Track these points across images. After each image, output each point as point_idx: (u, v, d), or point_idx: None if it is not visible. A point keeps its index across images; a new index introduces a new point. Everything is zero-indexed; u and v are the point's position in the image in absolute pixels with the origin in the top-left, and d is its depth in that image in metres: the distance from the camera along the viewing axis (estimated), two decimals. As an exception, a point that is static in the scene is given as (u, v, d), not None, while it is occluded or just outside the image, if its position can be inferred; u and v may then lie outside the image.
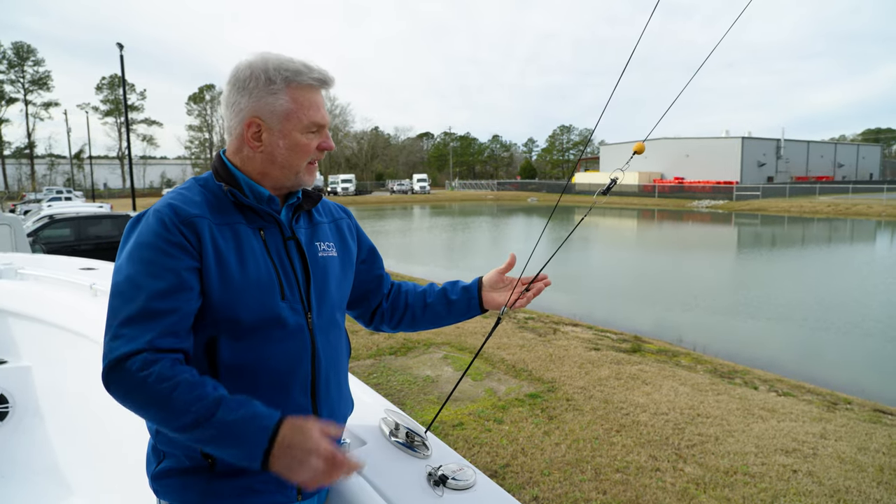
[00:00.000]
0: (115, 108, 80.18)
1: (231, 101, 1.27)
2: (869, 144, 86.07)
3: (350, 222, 1.53)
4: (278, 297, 1.23)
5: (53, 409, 2.73)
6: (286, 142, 1.25)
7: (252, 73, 1.24)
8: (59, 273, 2.93)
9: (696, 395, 5.40)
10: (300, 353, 1.26)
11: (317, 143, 1.30)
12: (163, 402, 1.05)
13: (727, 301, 12.06)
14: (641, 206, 49.46)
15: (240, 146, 1.29)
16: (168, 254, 1.14)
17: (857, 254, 20.79)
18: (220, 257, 1.19)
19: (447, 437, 4.41)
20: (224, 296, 1.18)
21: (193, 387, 1.07)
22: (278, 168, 1.27)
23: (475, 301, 1.58)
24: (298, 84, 1.25)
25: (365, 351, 6.68)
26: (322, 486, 1.18)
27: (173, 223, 1.16)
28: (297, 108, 1.25)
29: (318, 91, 1.29)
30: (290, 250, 1.29)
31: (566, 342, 7.25)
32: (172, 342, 1.12)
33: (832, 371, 7.49)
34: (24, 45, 74.61)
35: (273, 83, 1.23)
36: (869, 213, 36.38)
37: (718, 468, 3.98)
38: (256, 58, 1.26)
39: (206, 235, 1.18)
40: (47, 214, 14.16)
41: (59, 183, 73.98)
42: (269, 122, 1.25)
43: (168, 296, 1.12)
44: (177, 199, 1.21)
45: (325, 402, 1.32)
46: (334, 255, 1.39)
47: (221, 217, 1.23)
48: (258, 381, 1.21)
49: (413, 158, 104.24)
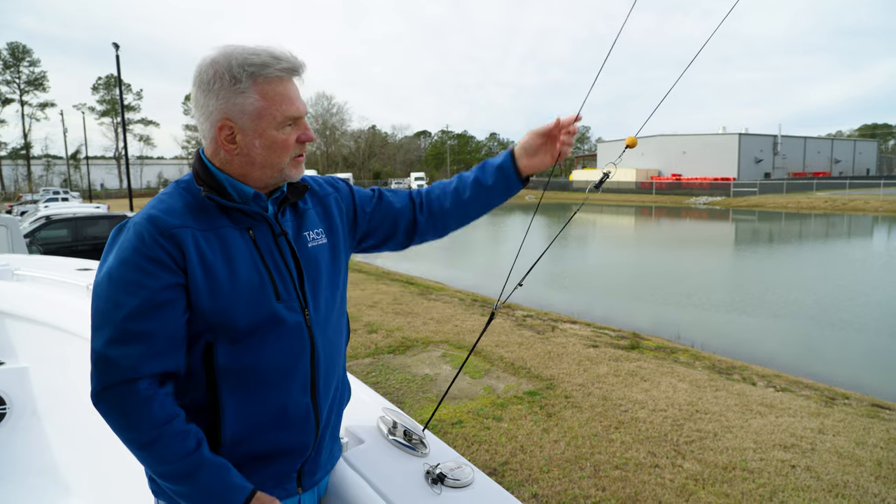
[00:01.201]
0: (111, 108, 79.96)
1: (199, 104, 1.19)
2: (865, 140, 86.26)
3: (338, 195, 1.45)
4: (273, 299, 1.20)
5: (51, 409, 2.73)
6: (262, 141, 1.18)
7: (216, 72, 1.15)
8: (55, 274, 2.93)
9: (694, 391, 5.41)
10: (299, 350, 1.24)
11: (295, 136, 1.22)
12: (145, 445, 1.10)
13: (725, 297, 12.08)
14: (639, 203, 49.50)
15: (215, 149, 1.22)
16: (147, 271, 1.10)
17: (854, 249, 20.83)
18: (208, 267, 1.14)
19: (446, 435, 4.41)
20: (216, 305, 1.15)
21: (176, 439, 1.10)
22: (258, 168, 1.21)
23: (513, 178, 1.48)
24: (266, 78, 1.16)
25: (363, 350, 6.67)
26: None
27: (152, 237, 1.11)
28: (268, 104, 1.17)
29: (288, 81, 1.20)
30: (281, 247, 1.25)
31: (564, 339, 7.25)
32: (159, 364, 1.11)
33: (830, 366, 7.51)
34: (20, 46, 74.43)
35: (239, 81, 1.15)
36: (866, 208, 36.46)
37: (717, 464, 3.99)
38: (219, 53, 1.17)
39: (189, 247, 1.13)
40: (44, 215, 14.11)
41: (56, 183, 73.88)
42: (240, 122, 1.17)
43: (150, 315, 1.10)
44: (157, 210, 1.16)
45: (325, 398, 1.31)
46: (323, 241, 1.35)
47: (206, 222, 1.18)
48: (256, 382, 1.20)
49: (410, 157, 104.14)
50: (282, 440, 1.24)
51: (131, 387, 1.09)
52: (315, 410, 1.28)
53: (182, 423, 1.12)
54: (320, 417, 1.30)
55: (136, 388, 1.09)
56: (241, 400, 1.19)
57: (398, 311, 8.80)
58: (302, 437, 1.27)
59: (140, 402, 1.09)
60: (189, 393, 1.19)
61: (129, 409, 1.09)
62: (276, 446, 1.24)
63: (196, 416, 1.18)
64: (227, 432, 1.18)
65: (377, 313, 8.59)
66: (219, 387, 1.17)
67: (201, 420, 1.18)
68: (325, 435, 1.34)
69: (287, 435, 1.24)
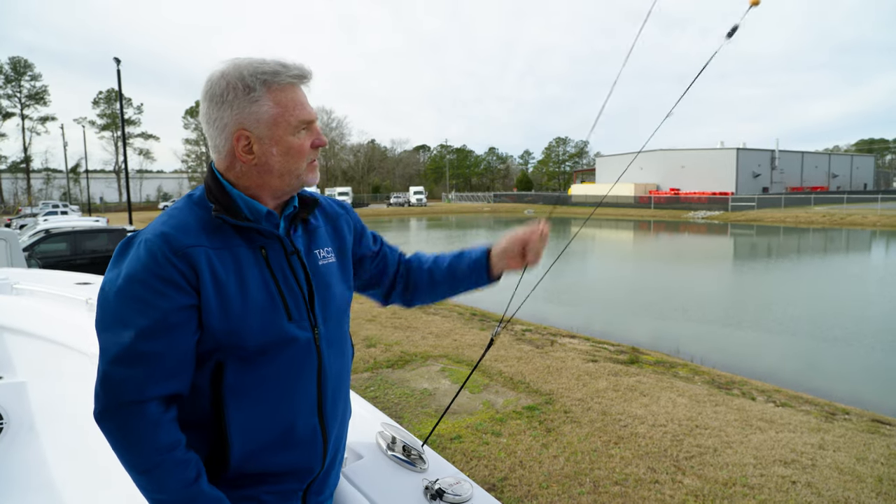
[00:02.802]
0: (111, 122, 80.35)
1: (212, 118, 1.19)
2: (863, 155, 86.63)
3: (348, 217, 1.47)
4: (285, 319, 1.19)
5: (49, 424, 2.71)
6: (279, 148, 1.19)
7: (228, 83, 1.16)
8: (54, 288, 2.93)
9: (694, 406, 5.39)
10: (307, 368, 1.23)
11: (310, 141, 1.23)
12: (145, 471, 1.09)
13: (724, 312, 12.08)
14: (637, 217, 49.58)
15: (231, 162, 1.21)
16: (159, 292, 1.08)
17: (852, 264, 20.87)
18: (221, 288, 1.13)
19: (445, 450, 4.38)
20: (228, 325, 1.14)
21: (177, 468, 1.09)
22: (277, 177, 1.21)
23: (483, 277, 1.56)
24: (278, 85, 1.18)
25: (362, 364, 6.65)
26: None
27: (165, 256, 1.09)
28: (282, 110, 1.18)
29: (298, 88, 1.22)
30: (293, 266, 1.24)
31: (563, 354, 7.23)
32: (166, 386, 1.10)
33: (830, 381, 7.49)
34: (22, 60, 74.92)
35: (253, 90, 1.16)
36: (864, 223, 36.55)
37: (717, 480, 3.97)
38: (228, 66, 1.18)
39: (203, 266, 1.12)
40: (43, 229, 14.11)
41: (56, 197, 73.96)
42: (257, 131, 1.17)
43: (160, 337, 1.08)
44: (169, 226, 1.14)
45: (333, 419, 1.30)
46: (333, 260, 1.35)
47: (220, 240, 1.17)
48: (263, 399, 1.19)
49: (410, 171, 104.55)
50: (289, 460, 1.23)
51: (137, 409, 1.08)
52: (323, 431, 1.27)
53: (183, 452, 1.11)
54: (328, 439, 1.29)
55: (142, 410, 1.08)
56: (249, 417, 1.17)
57: (397, 325, 8.78)
58: (309, 458, 1.26)
59: (144, 426, 1.08)
60: (193, 408, 1.17)
61: (132, 432, 1.08)
62: (283, 466, 1.23)
63: (200, 432, 1.17)
64: (234, 450, 1.17)
65: (376, 327, 8.57)
66: (225, 404, 1.15)
67: (205, 436, 1.17)
68: (335, 457, 1.34)
69: (294, 455, 1.23)
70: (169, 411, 1.12)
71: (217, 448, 1.17)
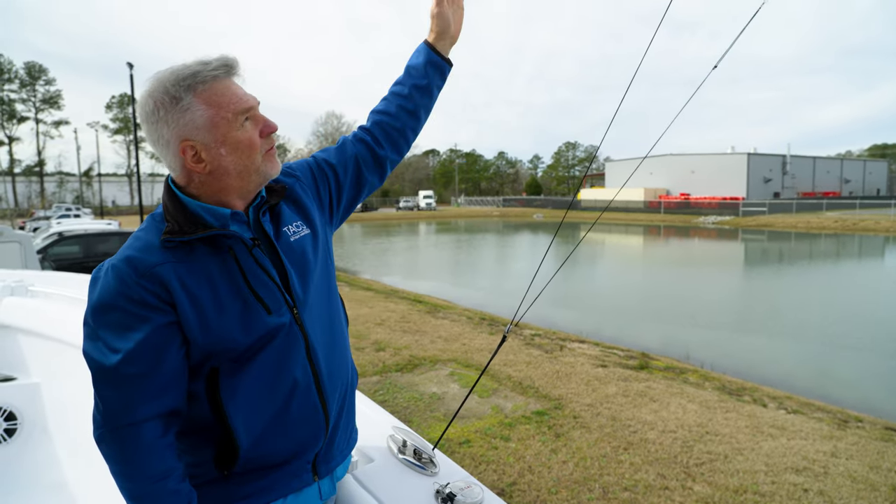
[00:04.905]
0: (124, 125, 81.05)
1: (153, 139, 1.16)
2: (876, 160, 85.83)
3: (302, 182, 1.41)
4: (264, 315, 1.19)
5: (62, 425, 2.74)
6: (227, 147, 1.16)
7: (155, 101, 1.13)
8: (68, 290, 2.96)
9: (704, 412, 5.36)
10: (293, 349, 1.23)
11: (257, 130, 1.20)
12: (136, 497, 1.12)
13: (735, 317, 11.99)
14: (647, 222, 49.39)
15: (188, 175, 1.18)
16: (133, 314, 1.09)
17: (865, 270, 20.66)
18: (195, 301, 1.13)
19: (454, 454, 4.38)
20: (209, 337, 1.14)
21: (169, 499, 1.12)
22: (236, 177, 1.19)
23: (444, 65, 1.60)
24: (203, 85, 1.14)
25: (371, 368, 6.66)
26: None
27: (133, 279, 1.09)
28: (216, 109, 1.14)
29: (227, 80, 1.18)
30: (258, 259, 1.21)
31: (573, 359, 7.21)
32: (158, 405, 1.11)
33: (842, 388, 7.42)
34: (37, 65, 75.76)
35: (180, 99, 1.13)
36: (877, 228, 36.19)
37: (728, 487, 3.93)
38: (151, 82, 1.15)
39: (174, 282, 1.11)
40: (56, 231, 14.26)
41: (69, 200, 74.66)
42: (199, 138, 1.14)
43: (143, 357, 1.09)
44: (134, 249, 1.13)
45: (332, 390, 1.31)
46: (305, 232, 1.33)
47: (185, 253, 1.15)
48: (259, 391, 1.20)
49: (419, 175, 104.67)
50: (294, 440, 1.26)
51: (132, 432, 1.09)
52: (323, 405, 1.28)
53: (176, 482, 1.13)
54: (329, 410, 1.30)
55: (137, 434, 1.10)
56: (249, 412, 1.19)
57: (406, 329, 8.79)
58: (313, 433, 1.28)
59: (139, 451, 1.10)
60: (193, 415, 1.19)
61: (126, 458, 1.10)
62: (290, 447, 1.26)
63: (204, 435, 1.19)
64: (242, 443, 1.18)
65: (385, 331, 8.59)
66: (225, 405, 1.17)
67: (210, 437, 1.19)
68: (338, 424, 1.36)
69: (298, 434, 1.26)
70: (167, 434, 1.13)
71: (224, 445, 1.19)
